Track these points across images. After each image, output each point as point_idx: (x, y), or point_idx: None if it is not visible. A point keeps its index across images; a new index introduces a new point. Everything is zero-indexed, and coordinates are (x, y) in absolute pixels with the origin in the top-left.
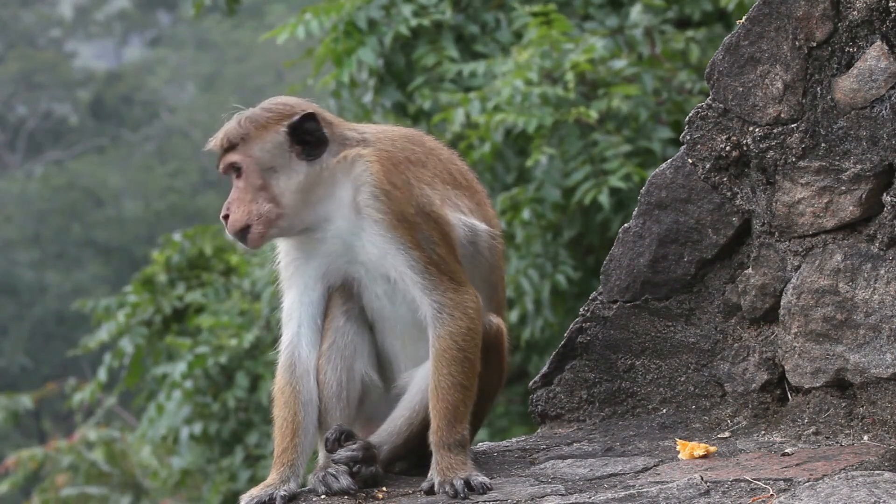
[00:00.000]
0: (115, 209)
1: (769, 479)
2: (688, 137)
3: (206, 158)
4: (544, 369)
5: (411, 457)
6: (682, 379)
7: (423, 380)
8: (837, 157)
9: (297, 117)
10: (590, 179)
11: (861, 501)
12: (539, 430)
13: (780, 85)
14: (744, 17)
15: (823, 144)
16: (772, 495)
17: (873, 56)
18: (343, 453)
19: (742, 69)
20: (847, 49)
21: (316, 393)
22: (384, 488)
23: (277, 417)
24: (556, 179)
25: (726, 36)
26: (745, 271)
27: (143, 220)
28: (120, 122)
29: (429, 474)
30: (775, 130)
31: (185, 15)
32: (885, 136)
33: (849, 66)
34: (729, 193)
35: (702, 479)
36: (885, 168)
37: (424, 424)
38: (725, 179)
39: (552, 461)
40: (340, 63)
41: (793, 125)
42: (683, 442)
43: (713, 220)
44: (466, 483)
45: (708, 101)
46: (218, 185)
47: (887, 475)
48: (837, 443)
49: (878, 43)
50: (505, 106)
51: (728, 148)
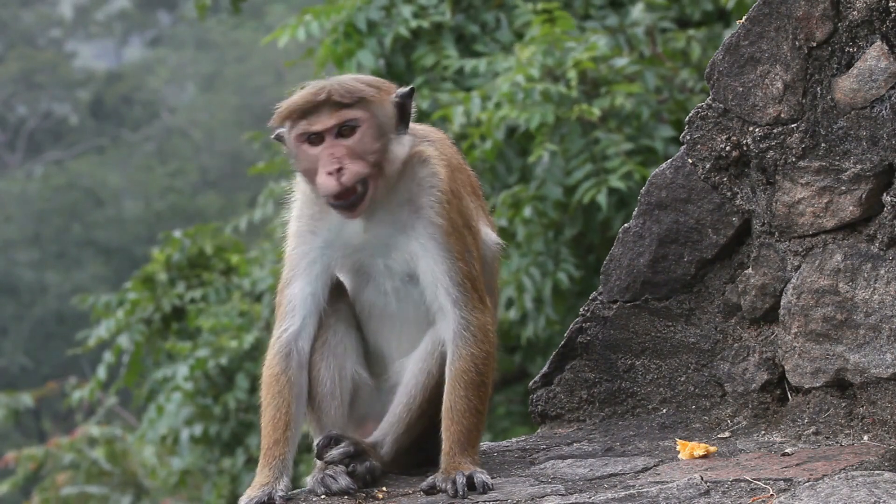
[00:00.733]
0: (115, 209)
1: (769, 479)
2: (688, 137)
3: (206, 158)
4: (544, 369)
5: (414, 449)
6: (682, 379)
7: (415, 365)
8: (837, 157)
9: (408, 89)
10: (590, 178)
11: (861, 501)
12: (539, 430)
13: (780, 85)
14: (744, 17)
15: (823, 144)
16: (772, 495)
17: (873, 56)
18: (335, 452)
19: (742, 69)
20: (847, 49)
21: (307, 389)
22: (384, 488)
23: (269, 406)
24: (557, 177)
25: (726, 35)
26: (745, 271)
27: (143, 220)
28: (120, 122)
29: (429, 476)
30: (775, 130)
31: (185, 15)
32: (885, 136)
33: (849, 66)
34: (729, 193)
35: (702, 479)
36: (885, 168)
37: (422, 409)
38: (725, 179)
39: (552, 461)
40: (341, 65)
41: (793, 125)
42: (683, 442)
43: (713, 220)
44: (468, 480)
45: (708, 101)
46: (218, 185)
47: (887, 475)
48: (837, 443)
49: (878, 43)
50: (506, 102)
51: (728, 148)
